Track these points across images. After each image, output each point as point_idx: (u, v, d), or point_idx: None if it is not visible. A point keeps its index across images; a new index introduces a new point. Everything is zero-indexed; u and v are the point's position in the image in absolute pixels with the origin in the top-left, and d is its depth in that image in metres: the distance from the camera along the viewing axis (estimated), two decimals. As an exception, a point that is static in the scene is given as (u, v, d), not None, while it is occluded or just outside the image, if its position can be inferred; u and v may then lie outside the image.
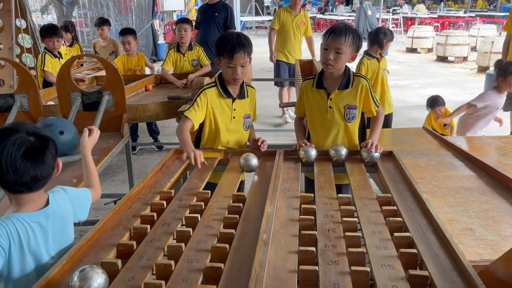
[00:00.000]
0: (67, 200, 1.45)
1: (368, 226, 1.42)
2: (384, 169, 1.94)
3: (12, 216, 1.27)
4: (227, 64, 2.07)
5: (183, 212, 1.55)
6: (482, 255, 1.38)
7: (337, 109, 2.16)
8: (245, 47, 2.05)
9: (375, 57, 3.98)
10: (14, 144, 1.22)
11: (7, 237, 1.24)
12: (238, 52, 2.02)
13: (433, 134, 2.90)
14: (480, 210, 1.73)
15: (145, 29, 10.46)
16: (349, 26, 2.08)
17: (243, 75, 2.10)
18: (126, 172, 3.96)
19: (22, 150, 1.23)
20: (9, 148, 1.22)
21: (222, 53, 2.06)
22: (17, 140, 1.23)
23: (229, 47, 2.03)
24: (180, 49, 4.38)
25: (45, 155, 1.29)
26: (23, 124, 1.31)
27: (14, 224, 1.26)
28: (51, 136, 1.34)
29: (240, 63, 2.05)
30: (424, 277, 1.12)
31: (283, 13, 5.56)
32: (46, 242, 1.33)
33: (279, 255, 1.25)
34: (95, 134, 1.76)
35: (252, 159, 1.94)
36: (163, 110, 3.30)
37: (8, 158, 1.21)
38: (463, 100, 7.14)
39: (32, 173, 1.26)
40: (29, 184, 1.27)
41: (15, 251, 1.26)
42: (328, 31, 2.08)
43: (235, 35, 2.09)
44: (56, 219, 1.37)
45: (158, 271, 1.19)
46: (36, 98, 2.87)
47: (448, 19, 18.29)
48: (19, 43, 4.53)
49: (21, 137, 1.24)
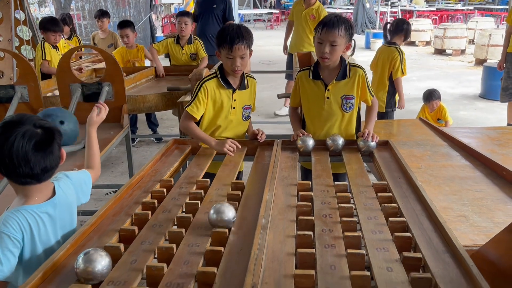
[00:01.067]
0: (71, 186, 1.47)
1: (364, 212, 1.46)
2: (380, 158, 1.98)
3: (22, 208, 1.30)
4: (226, 56, 2.08)
5: (183, 199, 1.58)
6: (476, 240, 1.42)
7: (335, 100, 2.19)
8: (245, 38, 2.06)
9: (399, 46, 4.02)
10: (24, 137, 1.24)
11: (20, 229, 1.27)
12: (237, 43, 2.04)
13: (430, 125, 2.93)
14: (475, 198, 1.77)
15: (143, 22, 10.44)
16: (340, 17, 2.08)
17: (243, 66, 2.12)
18: (125, 163, 3.99)
19: (33, 142, 1.25)
20: (19, 141, 1.23)
21: (222, 44, 2.08)
22: (26, 133, 1.25)
23: (229, 39, 2.04)
24: (179, 41, 4.39)
25: (53, 146, 1.32)
26: (27, 116, 1.33)
27: (25, 216, 1.28)
28: (56, 127, 1.37)
29: (239, 55, 2.07)
30: (418, 258, 1.16)
31: (296, 5, 5.65)
32: (54, 230, 1.37)
33: (277, 239, 1.28)
34: (103, 114, 1.77)
35: (226, 212, 1.35)
36: (162, 101, 3.33)
37: (19, 151, 1.23)
38: (459, 92, 7.20)
39: (43, 165, 1.28)
40: (39, 175, 1.30)
41: (27, 241, 1.29)
42: (320, 24, 2.08)
43: (235, 26, 2.11)
44: (63, 207, 1.41)
45: (160, 255, 1.23)
46: (36, 89, 2.89)
47: (446, 12, 18.25)
48: (18, 35, 4.53)
49: (29, 129, 1.26)
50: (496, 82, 5.62)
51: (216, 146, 2.09)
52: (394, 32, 4.01)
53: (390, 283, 1.07)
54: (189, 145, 2.18)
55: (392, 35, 4.03)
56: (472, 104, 6.55)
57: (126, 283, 1.10)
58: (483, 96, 6.81)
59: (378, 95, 4.07)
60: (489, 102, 6.49)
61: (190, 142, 2.20)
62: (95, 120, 1.74)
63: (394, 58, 3.89)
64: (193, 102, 2.15)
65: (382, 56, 4.03)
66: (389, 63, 3.93)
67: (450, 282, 1.06)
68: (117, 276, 1.12)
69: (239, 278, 1.09)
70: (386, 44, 4.11)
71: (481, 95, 6.89)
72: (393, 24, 4.10)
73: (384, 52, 4.03)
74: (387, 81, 3.99)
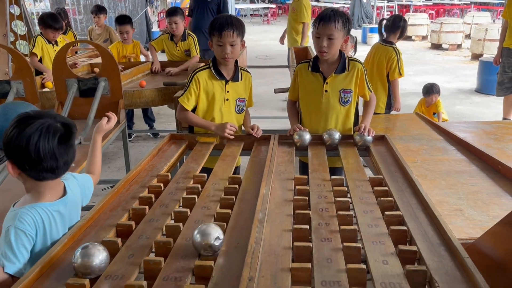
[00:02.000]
0: (78, 186, 1.49)
1: (360, 205, 1.46)
2: (376, 152, 1.99)
3: (36, 206, 1.31)
4: (216, 43, 2.11)
5: (180, 194, 1.59)
6: (471, 234, 1.43)
7: (333, 93, 2.19)
8: (234, 26, 2.08)
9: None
10: (49, 131, 1.26)
11: (34, 225, 1.28)
12: (227, 29, 2.06)
13: (426, 120, 2.95)
14: (470, 192, 1.78)
15: (139, 17, 10.40)
16: (336, 11, 2.10)
17: (233, 54, 2.13)
18: (122, 159, 3.98)
19: (57, 136, 1.27)
20: (45, 136, 1.25)
21: (212, 32, 2.11)
22: (50, 127, 1.26)
23: (218, 25, 2.07)
24: (173, 38, 4.37)
25: (73, 140, 1.34)
26: (44, 111, 1.35)
27: (39, 213, 1.30)
28: (72, 122, 1.37)
29: (229, 41, 2.08)
30: (413, 251, 1.17)
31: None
32: (63, 227, 1.38)
33: (274, 233, 1.29)
34: (112, 122, 1.81)
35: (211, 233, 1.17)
36: (159, 96, 3.32)
37: (46, 145, 1.25)
38: (456, 87, 7.22)
39: (65, 158, 1.31)
40: (61, 169, 1.32)
41: (39, 237, 1.30)
42: (317, 19, 2.10)
43: (226, 15, 2.15)
44: (72, 206, 1.43)
45: (157, 249, 1.23)
46: (32, 84, 2.88)
47: (443, 6, 18.27)
48: (13, 30, 4.50)
49: (51, 123, 1.28)
50: (492, 76, 5.63)
51: (217, 130, 2.14)
52: (390, 29, 3.87)
53: (385, 275, 1.07)
54: (186, 140, 2.18)
55: (388, 32, 3.89)
56: (468, 98, 6.57)
57: (123, 277, 1.10)
58: (479, 90, 6.83)
59: (377, 97, 4.00)
60: (485, 96, 6.51)
61: (186, 137, 2.20)
62: (104, 128, 1.77)
63: (391, 58, 3.73)
64: (185, 93, 2.20)
65: (377, 55, 3.87)
66: (386, 64, 3.78)
67: (445, 274, 1.07)
68: (115, 270, 1.13)
69: (236, 272, 1.09)
70: (382, 42, 3.93)
71: (477, 90, 6.92)
72: (389, 21, 3.98)
73: (379, 51, 3.86)
74: (386, 82, 3.84)
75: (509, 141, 2.51)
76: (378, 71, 3.88)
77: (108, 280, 1.09)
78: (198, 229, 1.18)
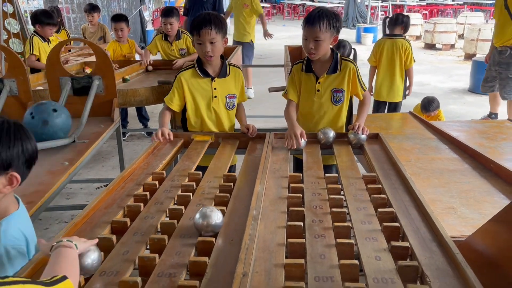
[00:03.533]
0: None
1: (353, 203, 1.48)
2: (370, 151, 2.00)
3: (13, 216, 1.25)
4: (197, 41, 2.12)
5: (175, 192, 1.59)
6: (463, 232, 1.44)
7: (325, 93, 2.21)
8: (213, 23, 2.07)
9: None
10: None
11: (24, 238, 1.25)
12: (205, 28, 2.06)
13: (420, 119, 2.97)
14: (462, 191, 1.80)
15: (133, 16, 10.36)
16: (322, 11, 2.08)
17: (214, 52, 2.12)
18: (116, 158, 3.98)
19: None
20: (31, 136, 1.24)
21: (192, 31, 2.12)
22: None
23: (196, 23, 2.08)
24: (167, 38, 4.35)
25: None
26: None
27: (18, 222, 1.25)
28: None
29: (208, 39, 2.08)
30: (405, 247, 1.18)
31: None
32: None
33: (268, 230, 1.30)
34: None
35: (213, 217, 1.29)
36: (153, 95, 3.32)
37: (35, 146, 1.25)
38: (449, 87, 7.26)
39: None
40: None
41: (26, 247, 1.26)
42: (304, 20, 2.11)
43: (205, 13, 2.14)
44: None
45: (152, 245, 1.24)
46: (25, 83, 2.86)
47: (436, 6, 18.37)
48: (6, 28, 4.48)
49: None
50: (485, 76, 5.67)
51: (158, 131, 2.10)
52: (394, 23, 4.16)
53: (378, 271, 1.09)
54: (181, 138, 2.18)
55: (393, 26, 4.17)
56: (461, 98, 6.61)
57: (118, 273, 1.11)
58: (472, 90, 6.88)
59: (394, 87, 4.23)
60: (478, 96, 6.55)
61: (182, 136, 2.21)
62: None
63: (407, 49, 4.10)
64: (169, 93, 2.23)
65: (390, 49, 4.15)
66: (401, 54, 4.11)
67: (436, 270, 1.09)
68: (110, 267, 1.13)
69: (230, 268, 1.10)
70: (390, 36, 4.20)
71: (470, 89, 6.96)
72: (392, 18, 4.26)
73: (390, 45, 4.15)
74: (403, 72, 4.20)
75: (501, 140, 2.54)
76: (393, 63, 4.16)
77: (103, 277, 1.10)
78: (199, 212, 1.27)
